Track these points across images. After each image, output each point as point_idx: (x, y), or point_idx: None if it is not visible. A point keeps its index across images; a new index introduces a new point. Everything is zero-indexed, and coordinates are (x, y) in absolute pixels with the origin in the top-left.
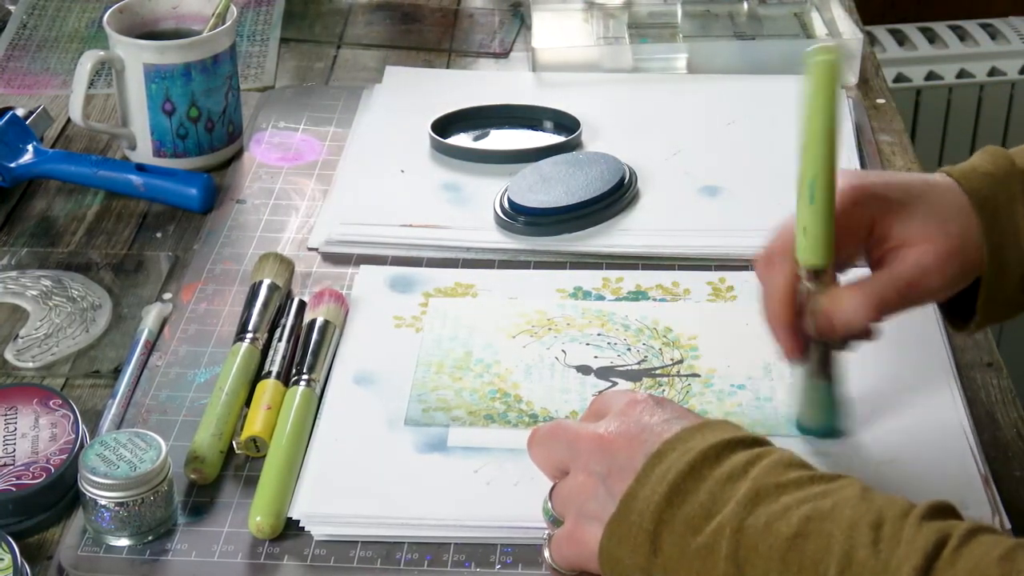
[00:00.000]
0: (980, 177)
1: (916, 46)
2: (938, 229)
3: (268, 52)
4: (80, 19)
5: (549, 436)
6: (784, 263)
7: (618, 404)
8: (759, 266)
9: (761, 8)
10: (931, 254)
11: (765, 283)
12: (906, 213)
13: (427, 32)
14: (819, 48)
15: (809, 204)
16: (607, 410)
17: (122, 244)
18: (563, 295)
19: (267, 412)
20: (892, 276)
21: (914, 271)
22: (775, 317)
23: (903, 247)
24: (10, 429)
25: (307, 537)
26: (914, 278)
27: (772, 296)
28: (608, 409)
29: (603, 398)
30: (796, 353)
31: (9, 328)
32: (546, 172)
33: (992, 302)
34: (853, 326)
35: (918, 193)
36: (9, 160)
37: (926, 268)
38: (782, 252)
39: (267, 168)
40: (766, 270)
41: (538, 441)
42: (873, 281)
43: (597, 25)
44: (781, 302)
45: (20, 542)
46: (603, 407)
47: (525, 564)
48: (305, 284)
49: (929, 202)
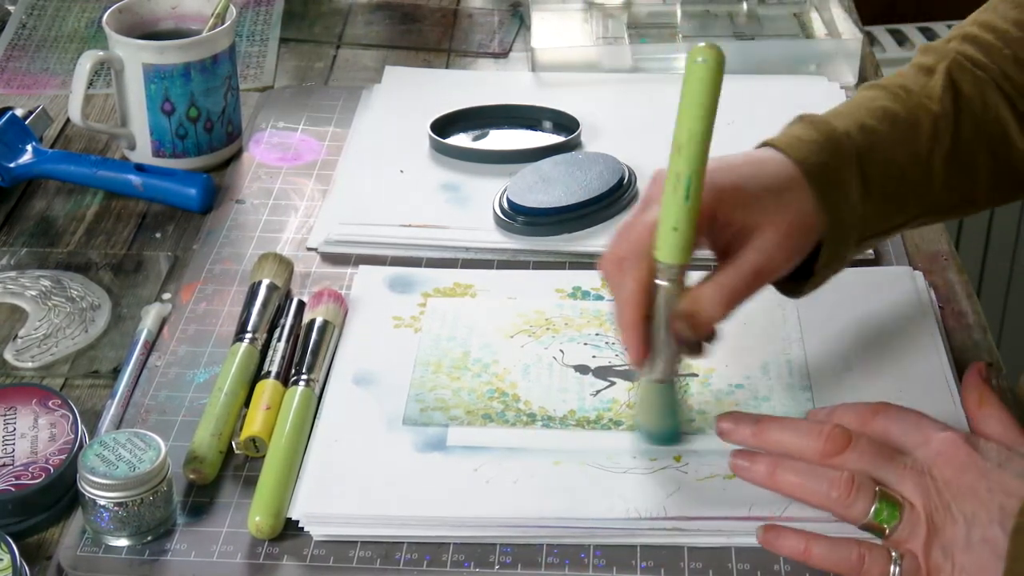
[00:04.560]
0: (807, 146)
1: (916, 46)
2: (776, 207)
3: (267, 52)
4: (79, 19)
5: (899, 414)
6: (636, 266)
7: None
8: (609, 269)
9: (760, 8)
10: (772, 235)
11: (617, 286)
12: (743, 196)
13: (426, 32)
14: (700, 48)
15: (684, 202)
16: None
17: (121, 244)
18: (562, 295)
19: (266, 412)
20: (738, 267)
21: (759, 256)
22: (629, 321)
23: (744, 230)
24: (9, 429)
25: (306, 537)
26: (760, 263)
27: (626, 299)
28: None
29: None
30: (644, 356)
31: (8, 328)
32: (545, 172)
33: (830, 262)
34: (713, 323)
35: (750, 174)
36: (8, 160)
37: (769, 251)
38: (634, 254)
39: (266, 168)
40: (617, 274)
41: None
42: (723, 275)
43: (596, 25)
44: (636, 305)
45: (19, 542)
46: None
47: (524, 564)
48: (304, 284)
49: (762, 181)
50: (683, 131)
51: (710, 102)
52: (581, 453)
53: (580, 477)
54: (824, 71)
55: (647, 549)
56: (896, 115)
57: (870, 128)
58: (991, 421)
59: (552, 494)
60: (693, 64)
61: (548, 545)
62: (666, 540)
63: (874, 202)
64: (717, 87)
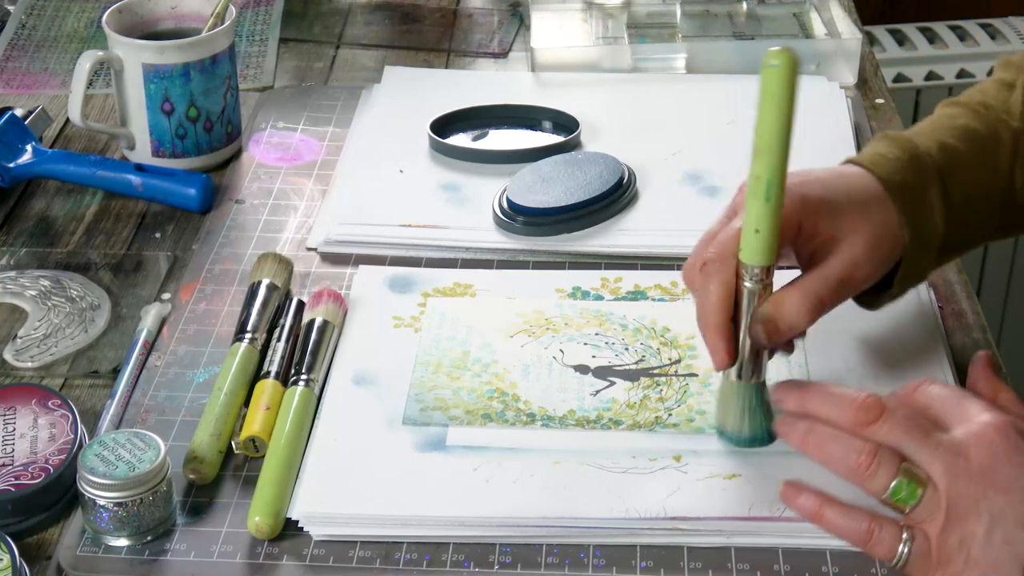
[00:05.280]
0: (890, 163)
1: (916, 46)
2: (861, 220)
3: (267, 52)
4: (79, 19)
5: (943, 389)
6: (721, 269)
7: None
8: (692, 274)
9: (760, 8)
10: (858, 246)
11: (701, 291)
12: (828, 207)
13: (426, 32)
14: (774, 52)
15: (764, 204)
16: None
17: (121, 244)
18: (562, 295)
19: (266, 412)
20: (825, 274)
21: (846, 266)
22: (714, 324)
23: (830, 242)
24: (9, 429)
25: (306, 537)
26: (846, 272)
27: (712, 303)
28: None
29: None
30: (730, 359)
31: (8, 328)
32: (545, 172)
33: (909, 276)
34: (796, 329)
35: (835, 186)
36: (8, 160)
37: (856, 261)
38: (720, 258)
39: (266, 168)
40: (701, 278)
41: (925, 384)
42: (808, 281)
43: (596, 25)
44: (721, 308)
45: (19, 542)
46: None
47: (524, 564)
48: (304, 284)
49: (848, 194)
50: (761, 135)
51: (786, 105)
52: (581, 453)
53: (580, 477)
54: (824, 71)
55: (647, 549)
56: (976, 133)
57: (951, 147)
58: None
59: (552, 494)
60: (767, 68)
61: (548, 545)
62: (666, 540)
63: (955, 219)
64: (792, 89)
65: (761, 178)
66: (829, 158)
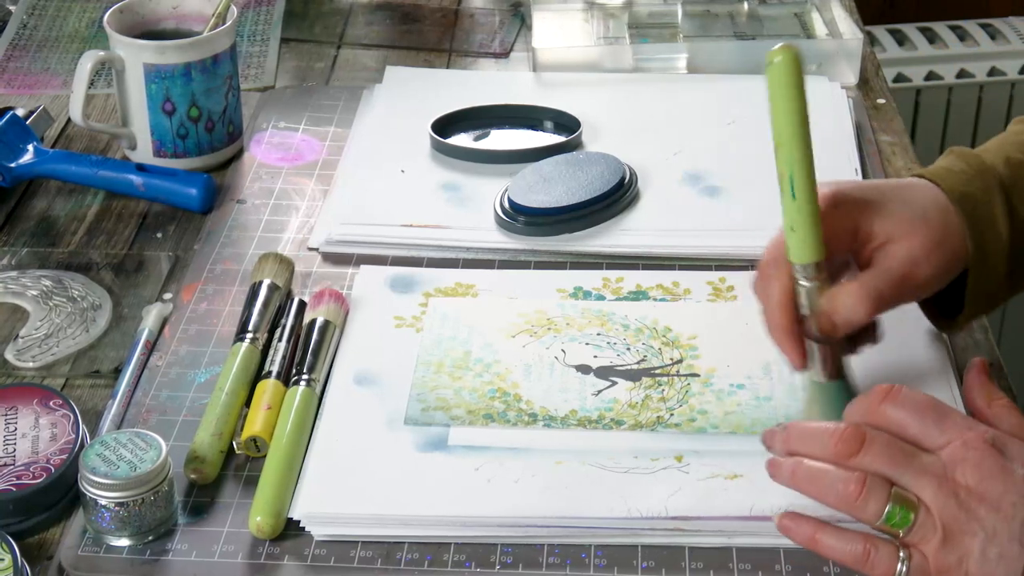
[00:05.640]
0: (955, 176)
1: (916, 46)
2: (920, 222)
3: (268, 52)
4: (80, 19)
5: (912, 404)
6: (778, 273)
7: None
8: (755, 284)
9: (761, 8)
10: (918, 246)
11: (763, 297)
12: (886, 211)
13: (427, 32)
14: (774, 50)
15: (792, 200)
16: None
17: (122, 244)
18: (563, 295)
19: (267, 412)
20: (884, 270)
21: (905, 263)
22: (778, 327)
23: (889, 243)
24: (10, 429)
25: (307, 537)
26: (905, 270)
27: (772, 307)
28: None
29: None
30: (802, 359)
31: (9, 328)
32: (546, 172)
33: (978, 293)
34: (853, 323)
35: (893, 192)
36: (9, 160)
37: (915, 259)
38: (775, 263)
39: (267, 168)
40: (762, 284)
41: (889, 400)
42: (867, 276)
43: (597, 25)
44: (782, 311)
45: (20, 542)
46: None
47: (525, 564)
48: (305, 284)
49: (906, 199)
50: (776, 132)
51: (795, 100)
52: (582, 453)
53: (581, 477)
54: (825, 71)
55: (648, 549)
56: None
57: (1017, 162)
58: (1004, 416)
59: (553, 494)
60: (770, 66)
61: (549, 545)
62: (667, 540)
63: (1020, 232)
64: (799, 84)
65: (784, 174)
66: (831, 158)
